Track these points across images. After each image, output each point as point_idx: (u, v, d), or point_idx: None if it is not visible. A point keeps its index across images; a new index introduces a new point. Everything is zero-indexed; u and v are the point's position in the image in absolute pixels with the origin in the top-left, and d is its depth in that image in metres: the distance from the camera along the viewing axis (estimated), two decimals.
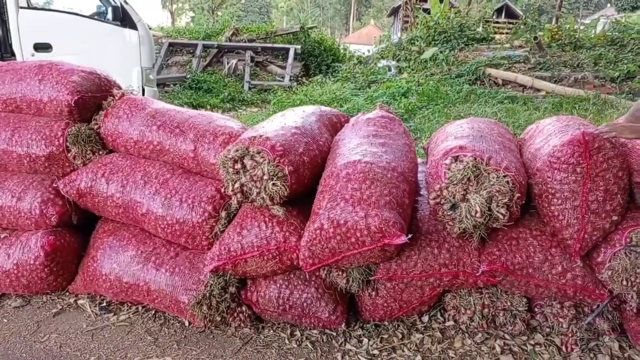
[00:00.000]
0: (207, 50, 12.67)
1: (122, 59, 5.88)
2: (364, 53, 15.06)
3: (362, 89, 9.83)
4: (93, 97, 2.80)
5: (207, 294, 2.35)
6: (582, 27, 14.55)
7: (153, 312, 2.60)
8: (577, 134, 2.10)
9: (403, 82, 9.29)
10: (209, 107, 9.23)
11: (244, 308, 2.45)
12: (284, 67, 12.41)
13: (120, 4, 5.83)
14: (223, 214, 2.46)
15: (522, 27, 13.64)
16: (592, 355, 2.26)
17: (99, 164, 2.71)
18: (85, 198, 2.68)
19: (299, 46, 12.90)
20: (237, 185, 2.24)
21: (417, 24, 14.69)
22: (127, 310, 2.63)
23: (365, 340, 2.38)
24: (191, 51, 12.65)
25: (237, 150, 2.22)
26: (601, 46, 10.16)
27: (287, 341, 2.38)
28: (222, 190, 2.38)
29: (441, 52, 11.30)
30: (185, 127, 2.63)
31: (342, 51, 14.80)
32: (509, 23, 18.33)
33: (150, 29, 7.20)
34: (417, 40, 12.86)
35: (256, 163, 2.20)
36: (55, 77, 2.72)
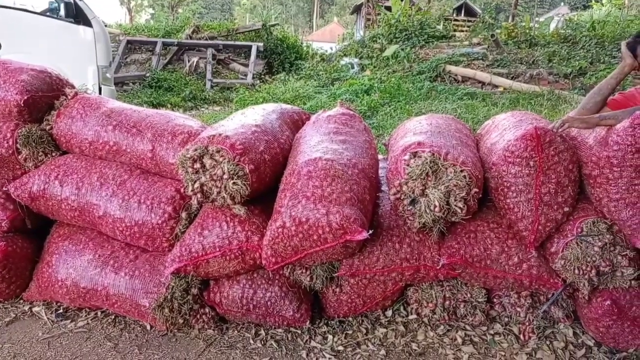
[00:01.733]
0: (167, 48, 12.42)
1: (76, 57, 5.68)
2: (327, 51, 15.11)
3: (325, 86, 9.86)
4: (44, 96, 2.69)
5: (169, 297, 2.31)
6: (537, 25, 15.04)
7: (113, 317, 2.53)
8: (530, 129, 2.17)
9: (365, 80, 9.37)
10: (169, 106, 9.05)
11: (207, 309, 2.42)
12: (246, 65, 12.29)
13: (74, 0, 5.63)
14: (184, 214, 2.42)
15: (480, 24, 14.03)
16: (548, 342, 2.34)
17: (51, 165, 2.61)
18: (38, 201, 2.58)
19: (262, 44, 12.80)
20: (197, 185, 2.20)
21: (379, 21, 14.85)
22: (86, 316, 2.55)
23: (330, 336, 2.39)
24: (150, 49, 12.36)
25: (196, 150, 2.18)
26: (555, 43, 10.54)
27: (251, 341, 2.37)
28: (182, 190, 2.34)
29: (402, 49, 11.47)
30: (142, 127, 2.56)
31: (305, 49, 14.79)
32: (468, 21, 18.76)
33: (106, 26, 6.99)
34: (379, 38, 13.01)
35: (216, 162, 2.17)
36: (3, 77, 2.60)
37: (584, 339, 2.37)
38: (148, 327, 2.44)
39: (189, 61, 11.96)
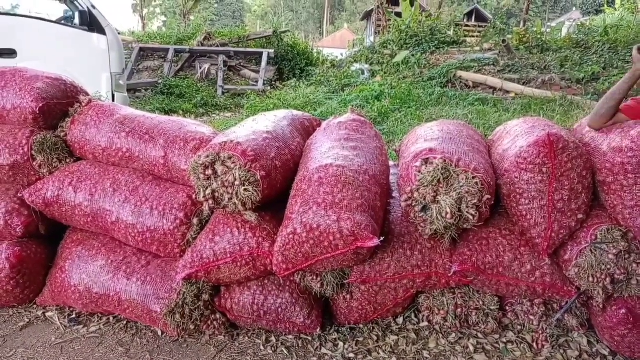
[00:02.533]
0: (179, 55, 12.53)
1: (90, 65, 5.75)
2: (337, 57, 15.14)
3: (336, 92, 9.87)
4: (59, 103, 2.73)
5: (180, 303, 2.32)
6: (548, 30, 14.94)
7: (125, 322, 2.55)
8: (543, 135, 2.15)
9: (376, 86, 9.36)
10: (181, 112, 9.12)
11: (218, 315, 2.43)
12: (257, 72, 12.36)
13: (88, 8, 5.71)
14: (195, 220, 2.43)
15: (491, 30, 13.93)
16: (562, 351, 2.31)
17: (66, 172, 2.65)
18: (52, 207, 2.61)
19: (272, 50, 12.87)
20: (208, 191, 2.22)
21: (389, 27, 14.85)
22: (98, 321, 2.57)
23: (341, 343, 2.38)
24: (163, 56, 12.49)
25: (208, 156, 2.20)
26: (567, 49, 10.44)
27: (262, 347, 2.37)
28: (194, 196, 2.35)
29: (413, 55, 11.44)
30: (155, 134, 2.59)
31: (315, 55, 14.82)
32: (479, 26, 18.68)
33: (119, 33, 7.08)
34: (390, 44, 13.00)
35: (227, 169, 2.19)
36: (19, 84, 2.64)
37: (598, 348, 2.33)
38: (159, 333, 2.45)
39: (200, 68, 12.06)
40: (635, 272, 2.10)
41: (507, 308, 2.48)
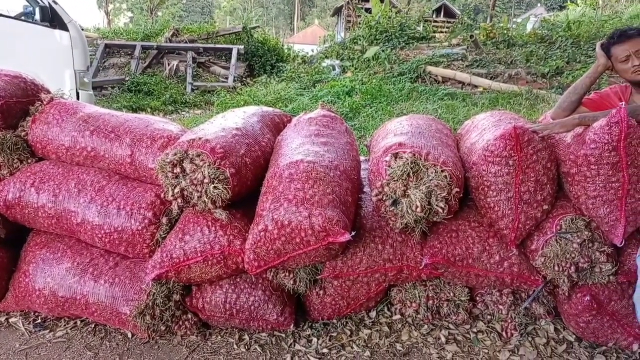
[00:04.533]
0: (147, 52, 12.27)
1: (53, 62, 5.57)
2: (308, 53, 15.11)
3: (307, 88, 9.85)
4: (18, 102, 2.64)
5: (150, 304, 2.27)
6: (514, 26, 15.26)
7: (93, 325, 2.48)
8: (509, 128, 2.19)
9: (347, 81, 9.39)
10: (149, 110, 8.94)
11: (189, 315, 2.39)
12: (227, 68, 12.21)
13: (49, 3, 5.52)
14: (164, 220, 2.39)
15: (459, 26, 14.16)
16: (530, 338, 2.37)
17: (27, 172, 2.55)
18: (14, 209, 2.52)
19: (242, 46, 12.74)
20: (177, 189, 2.18)
21: (360, 23, 14.91)
22: (65, 325, 2.49)
23: (315, 339, 2.38)
24: (129, 53, 12.20)
25: (175, 154, 2.16)
26: (532, 44, 10.69)
27: (235, 346, 2.35)
28: (162, 195, 2.30)
29: (383, 50, 11.52)
30: (120, 132, 2.52)
31: (286, 51, 14.75)
32: (447, 22, 18.96)
33: (83, 29, 6.87)
34: (360, 40, 13.06)
35: (196, 166, 2.15)
36: None
37: (565, 335, 2.40)
38: (129, 335, 2.40)
39: (168, 64, 11.85)
40: (598, 260, 2.17)
41: (477, 298, 2.52)
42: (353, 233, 2.08)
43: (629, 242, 2.19)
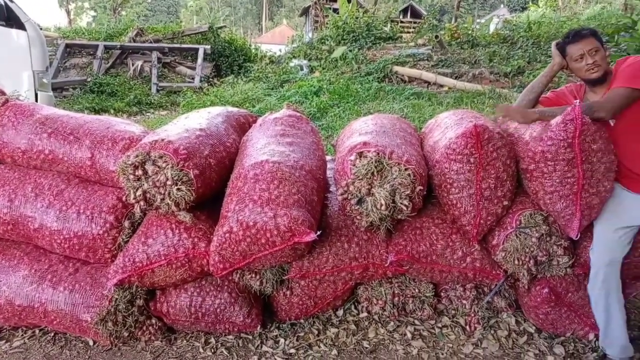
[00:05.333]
0: (110, 52, 11.97)
1: (9, 62, 5.37)
2: (275, 53, 15.04)
3: (275, 88, 9.81)
4: None
5: (112, 310, 2.22)
6: (478, 27, 15.60)
7: (52, 334, 2.41)
8: (470, 127, 2.23)
9: (315, 81, 9.40)
10: (113, 111, 8.73)
11: (153, 320, 2.35)
12: (193, 68, 12.04)
13: (4, 2, 5.32)
14: (126, 223, 2.34)
15: (425, 26, 14.35)
16: (492, 331, 2.43)
17: None
18: None
19: (209, 46, 12.58)
20: (139, 192, 2.14)
21: (327, 23, 14.96)
22: (22, 335, 2.41)
23: (282, 340, 2.37)
24: (91, 53, 11.88)
25: (137, 156, 2.11)
26: (495, 44, 10.96)
27: (201, 350, 2.32)
28: (124, 198, 2.25)
29: (350, 50, 11.59)
30: (80, 134, 2.46)
31: (253, 51, 14.65)
32: (414, 22, 19.19)
33: (41, 29, 6.65)
34: (327, 40, 13.10)
35: (159, 168, 2.12)
36: None
37: (525, 326, 2.47)
38: (91, 343, 2.34)
39: (133, 65, 11.59)
40: (555, 253, 2.24)
41: (442, 294, 2.57)
42: (319, 232, 2.08)
43: (584, 236, 2.26)
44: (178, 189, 2.09)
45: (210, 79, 11.70)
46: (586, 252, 2.26)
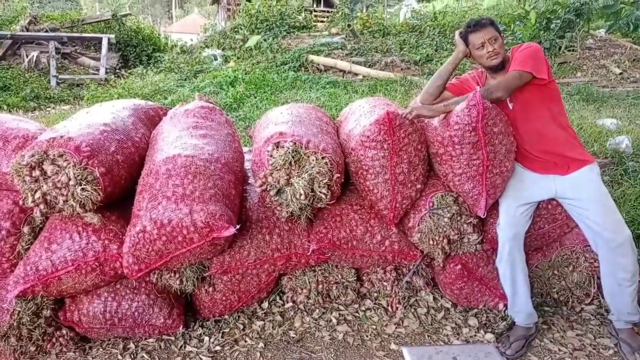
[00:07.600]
0: None
1: None
2: (187, 42, 14.50)
3: (188, 79, 9.45)
4: None
5: (15, 324, 2.04)
6: (388, 16, 16.06)
7: None
8: (382, 114, 2.28)
9: (230, 71, 9.18)
10: (6, 107, 7.95)
11: (64, 331, 2.19)
12: (97, 59, 11.28)
13: None
14: (26, 229, 2.16)
15: (338, 15, 14.51)
16: (413, 310, 2.53)
17: None
18: None
19: (114, 35, 11.83)
20: (38, 195, 1.97)
21: (240, 11, 14.65)
22: None
23: (206, 338, 2.31)
24: None
25: (33, 155, 1.94)
26: (405, 33, 11.34)
27: (120, 357, 2.20)
28: (21, 202, 2.06)
29: (265, 40, 11.44)
30: None
31: (163, 40, 14.02)
32: (327, 12, 19.36)
33: None
34: (241, 29, 12.83)
35: (59, 168, 1.96)
36: None
37: (442, 302, 2.60)
38: None
39: (27, 56, 10.62)
40: (466, 231, 2.37)
41: (364, 278, 2.63)
42: (238, 226, 2.05)
43: (490, 213, 2.42)
44: (82, 189, 1.95)
45: (117, 71, 11.03)
46: (493, 228, 2.42)
